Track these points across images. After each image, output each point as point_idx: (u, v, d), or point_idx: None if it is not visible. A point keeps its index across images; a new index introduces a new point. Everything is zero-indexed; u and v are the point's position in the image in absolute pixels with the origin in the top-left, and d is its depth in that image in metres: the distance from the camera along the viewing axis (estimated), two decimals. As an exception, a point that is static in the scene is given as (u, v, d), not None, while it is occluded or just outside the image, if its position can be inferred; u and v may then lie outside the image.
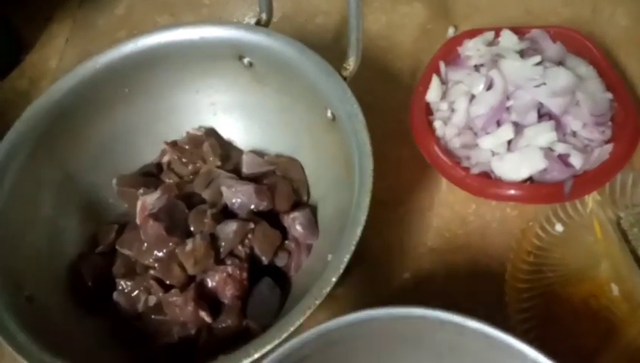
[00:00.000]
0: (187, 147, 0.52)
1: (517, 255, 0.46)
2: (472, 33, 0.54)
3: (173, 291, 0.42)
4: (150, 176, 0.52)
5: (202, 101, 0.53)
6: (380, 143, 0.42)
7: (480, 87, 0.49)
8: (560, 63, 0.49)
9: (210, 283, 0.43)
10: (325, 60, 0.46)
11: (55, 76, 0.65)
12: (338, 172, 0.46)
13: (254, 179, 0.50)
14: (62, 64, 0.67)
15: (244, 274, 0.44)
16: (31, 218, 0.46)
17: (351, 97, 0.43)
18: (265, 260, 0.46)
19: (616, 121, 0.47)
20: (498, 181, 0.46)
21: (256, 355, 0.35)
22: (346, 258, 0.38)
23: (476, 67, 0.52)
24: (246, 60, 0.49)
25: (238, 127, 0.54)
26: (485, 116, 0.48)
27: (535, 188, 0.46)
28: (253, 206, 0.47)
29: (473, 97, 0.50)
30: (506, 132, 0.47)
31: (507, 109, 0.48)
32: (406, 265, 0.48)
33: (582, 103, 0.46)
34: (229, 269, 0.43)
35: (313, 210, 0.49)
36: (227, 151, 0.53)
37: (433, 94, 0.52)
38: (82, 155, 0.51)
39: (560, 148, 0.46)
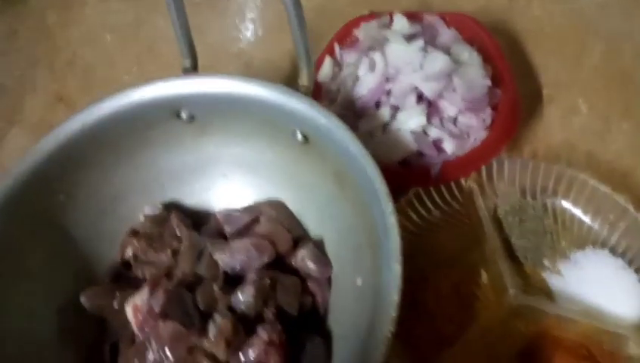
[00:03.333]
0: (151, 231, 0.46)
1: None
2: (371, 17, 0.54)
3: (216, 388, 0.36)
4: (120, 279, 0.45)
5: (148, 177, 0.47)
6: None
7: (363, 69, 0.48)
8: (449, 49, 0.49)
9: (251, 360, 0.37)
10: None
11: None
12: (329, 193, 0.43)
13: (242, 235, 0.45)
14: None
15: (283, 336, 0.38)
16: None
17: (321, 109, 0.40)
18: (293, 312, 0.41)
19: (499, 110, 0.46)
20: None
21: None
22: (396, 297, 0.33)
23: (370, 50, 0.51)
24: (184, 115, 0.45)
25: (197, 190, 0.49)
26: (364, 98, 0.48)
27: (404, 171, 0.46)
28: (256, 262, 0.42)
29: (358, 78, 0.49)
30: (382, 115, 0.47)
31: (388, 92, 0.47)
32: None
33: (457, 89, 0.46)
34: (265, 336, 0.38)
35: (317, 244, 0.45)
36: (198, 219, 0.47)
37: (323, 74, 0.51)
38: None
39: (434, 133, 0.46)
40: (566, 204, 0.45)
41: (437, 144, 0.45)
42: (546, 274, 0.43)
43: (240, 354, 0.38)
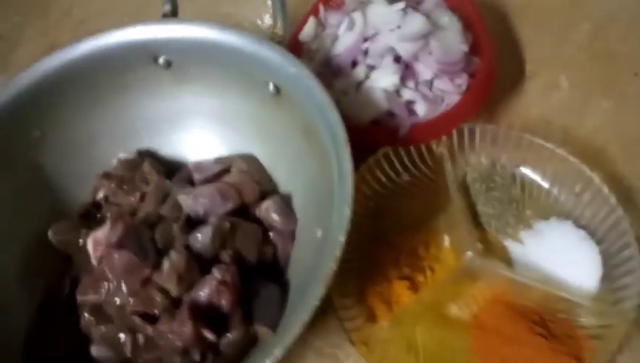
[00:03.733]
0: (123, 174, 0.46)
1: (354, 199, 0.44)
2: None
3: (163, 319, 0.37)
4: (89, 217, 0.46)
5: (124, 122, 0.48)
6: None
7: (342, 28, 0.48)
8: (430, 13, 0.48)
9: (202, 297, 0.37)
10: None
11: None
12: (298, 148, 0.43)
13: (209, 182, 0.45)
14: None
15: (236, 278, 0.39)
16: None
17: (292, 59, 0.41)
18: (251, 259, 0.41)
19: (477, 77, 0.46)
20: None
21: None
22: (342, 237, 0.33)
23: (352, 11, 0.50)
24: (162, 60, 0.45)
25: (173, 141, 0.49)
26: (341, 57, 0.48)
27: (373, 129, 0.46)
28: (220, 208, 0.43)
29: (338, 38, 0.49)
30: (357, 74, 0.47)
31: (365, 52, 0.48)
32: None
33: (433, 51, 0.46)
34: (219, 275, 0.38)
35: (284, 198, 0.45)
36: (171, 169, 0.48)
37: (305, 33, 0.51)
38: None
39: (407, 95, 0.46)
40: (533, 174, 0.45)
41: (410, 107, 0.46)
42: (508, 241, 0.43)
43: (194, 292, 0.38)
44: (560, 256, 0.41)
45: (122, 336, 0.37)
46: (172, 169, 0.48)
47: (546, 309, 0.40)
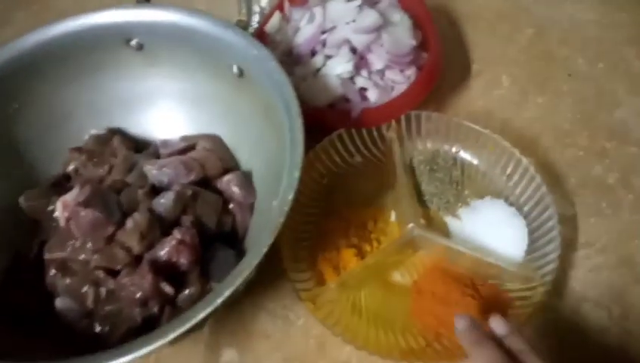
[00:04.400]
0: (94, 148, 0.49)
1: (309, 176, 0.49)
2: None
3: (125, 271, 0.40)
4: (59, 187, 0.49)
5: (98, 101, 0.51)
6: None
7: (304, 21, 0.53)
8: (384, 11, 0.52)
9: (162, 255, 0.41)
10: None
11: None
12: (259, 128, 0.47)
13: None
14: None
15: (196, 239, 0.42)
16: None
17: (255, 42, 0.44)
18: (211, 225, 0.44)
19: (424, 70, 0.51)
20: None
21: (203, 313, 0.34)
22: (291, 196, 0.37)
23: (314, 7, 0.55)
24: (134, 42, 0.48)
25: (142, 120, 0.52)
26: (301, 47, 0.52)
27: (328, 112, 0.50)
28: (183, 178, 0.46)
29: (299, 30, 0.54)
30: (315, 62, 0.52)
31: (324, 43, 0.52)
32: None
33: (384, 44, 0.50)
34: (178, 235, 0.41)
35: (245, 174, 0.49)
36: (138, 145, 0.51)
37: (271, 26, 0.56)
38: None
39: (361, 82, 0.51)
40: (472, 158, 0.50)
41: (362, 93, 0.50)
42: (448, 218, 0.48)
43: (155, 250, 0.41)
44: (493, 230, 0.46)
45: (85, 288, 0.40)
46: (140, 147, 0.51)
47: (477, 275, 0.44)
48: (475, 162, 0.50)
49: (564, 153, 0.51)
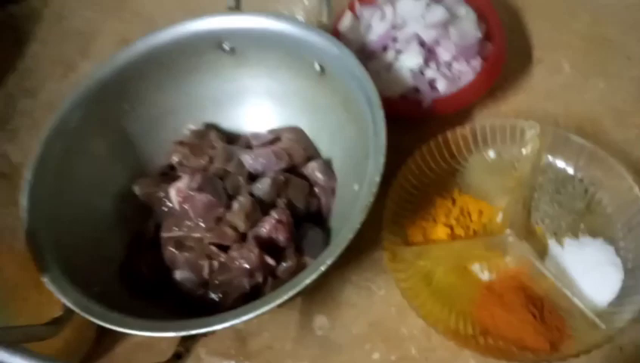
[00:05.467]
0: (193, 141, 0.56)
1: (432, 156, 0.52)
2: None
3: (235, 246, 0.46)
4: (165, 177, 0.55)
5: (195, 99, 0.57)
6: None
7: (375, 19, 0.58)
8: (450, 6, 0.56)
9: (263, 232, 0.47)
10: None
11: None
12: (338, 119, 0.52)
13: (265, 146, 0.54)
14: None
15: (290, 219, 0.48)
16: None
17: (336, 41, 0.49)
18: (300, 206, 0.50)
19: (489, 60, 0.54)
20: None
21: (308, 280, 0.39)
22: (377, 178, 0.42)
23: (383, 5, 0.59)
24: (226, 46, 0.54)
25: (233, 116, 0.58)
26: (374, 43, 0.57)
27: (402, 102, 0.54)
28: (275, 166, 0.52)
29: (371, 27, 0.58)
30: (388, 57, 0.56)
31: (394, 39, 0.56)
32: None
33: (452, 37, 0.54)
34: (276, 216, 0.47)
35: (326, 162, 0.54)
36: (231, 138, 0.57)
37: (344, 25, 0.60)
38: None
39: (430, 74, 0.55)
40: (602, 195, 0.49)
41: (432, 84, 0.55)
42: (551, 241, 0.49)
43: (257, 228, 0.48)
44: (589, 272, 0.46)
45: (201, 261, 0.47)
46: (231, 139, 0.58)
47: (550, 301, 0.45)
48: (604, 200, 0.49)
49: (626, 133, 0.54)
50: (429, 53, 0.55)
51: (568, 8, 0.63)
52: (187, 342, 0.48)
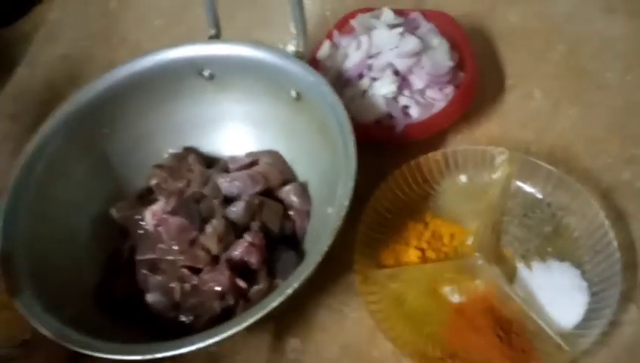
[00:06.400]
0: (172, 165, 0.57)
1: (404, 180, 0.53)
2: (366, 10, 0.63)
3: (207, 269, 0.47)
4: (143, 199, 0.56)
5: (174, 123, 0.59)
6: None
7: (352, 48, 0.59)
8: (423, 36, 0.58)
9: (236, 255, 0.48)
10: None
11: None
12: (314, 144, 0.53)
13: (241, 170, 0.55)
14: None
15: (263, 241, 0.49)
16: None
17: (311, 70, 0.51)
18: (275, 229, 0.51)
19: (461, 88, 0.56)
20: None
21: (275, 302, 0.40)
22: (346, 203, 0.43)
23: (360, 35, 0.60)
24: (206, 73, 0.56)
25: (212, 140, 0.60)
26: (350, 71, 0.58)
27: (375, 128, 0.56)
28: (250, 189, 0.53)
29: (347, 56, 0.60)
30: (363, 84, 0.58)
31: (370, 67, 0.58)
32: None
33: (425, 66, 0.56)
34: (249, 238, 0.48)
35: (302, 185, 0.55)
36: (209, 161, 0.58)
37: (322, 53, 0.62)
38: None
39: (403, 100, 0.57)
40: (572, 221, 0.50)
41: (405, 110, 0.56)
42: (520, 264, 0.49)
43: (230, 251, 0.48)
44: (556, 295, 0.47)
45: (173, 284, 0.48)
46: (211, 162, 0.59)
47: (518, 323, 0.46)
48: (572, 225, 0.50)
49: (597, 159, 0.55)
50: (403, 81, 0.56)
51: (544, 38, 0.64)
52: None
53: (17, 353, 0.41)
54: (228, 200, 0.53)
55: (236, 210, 0.50)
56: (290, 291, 0.40)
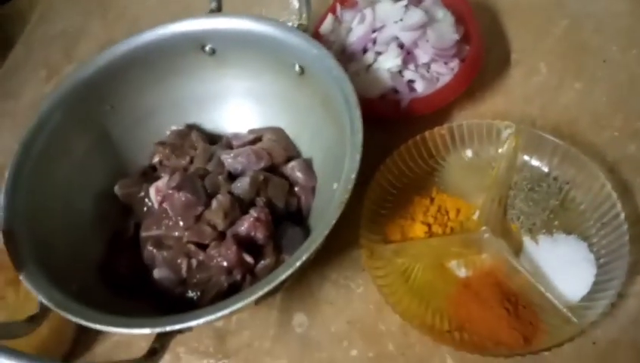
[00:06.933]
0: (175, 142, 0.56)
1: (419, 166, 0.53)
2: None
3: (213, 244, 0.46)
4: (146, 177, 0.56)
5: (176, 100, 0.58)
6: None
7: (355, 22, 0.59)
8: (428, 9, 0.57)
9: (242, 230, 0.47)
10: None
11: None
12: (318, 120, 0.52)
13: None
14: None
15: (269, 217, 0.48)
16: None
17: (315, 43, 0.50)
18: (280, 205, 0.51)
19: (466, 62, 0.55)
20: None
21: (284, 276, 0.40)
22: (353, 175, 0.43)
23: (363, 8, 0.59)
24: (208, 48, 0.55)
25: (215, 117, 0.59)
26: (354, 45, 0.58)
27: (380, 102, 0.55)
28: (254, 165, 0.52)
29: (351, 30, 0.59)
30: (367, 58, 0.57)
31: (374, 41, 0.57)
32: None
33: (429, 39, 0.55)
34: (255, 214, 0.48)
35: (306, 161, 0.55)
36: (213, 139, 0.58)
37: (325, 28, 0.61)
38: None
39: (408, 75, 0.56)
40: (576, 193, 0.50)
41: (411, 85, 0.55)
42: (526, 238, 0.49)
43: (236, 227, 0.48)
44: (563, 268, 0.47)
45: (179, 260, 0.47)
46: (213, 140, 0.58)
47: (524, 296, 0.46)
48: (578, 198, 0.49)
49: (601, 134, 0.55)
50: (407, 55, 0.56)
51: (548, 13, 0.64)
52: (163, 338, 0.48)
53: (25, 328, 0.40)
54: (232, 177, 0.52)
55: (241, 186, 0.50)
56: (298, 264, 0.40)
